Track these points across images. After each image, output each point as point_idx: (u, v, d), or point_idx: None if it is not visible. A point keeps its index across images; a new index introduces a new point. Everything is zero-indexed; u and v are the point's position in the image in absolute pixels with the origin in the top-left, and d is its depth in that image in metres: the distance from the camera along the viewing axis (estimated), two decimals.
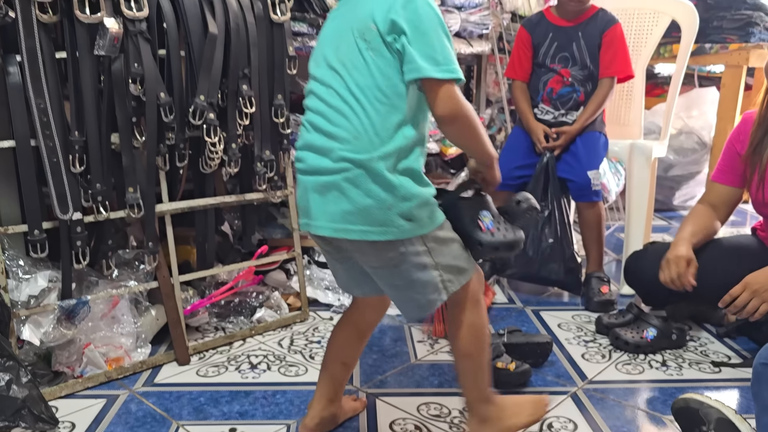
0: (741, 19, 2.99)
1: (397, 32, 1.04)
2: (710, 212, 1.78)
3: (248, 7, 1.69)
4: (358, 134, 1.05)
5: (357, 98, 1.06)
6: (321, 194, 1.07)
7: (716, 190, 1.79)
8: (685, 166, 3.21)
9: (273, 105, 1.79)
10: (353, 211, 1.05)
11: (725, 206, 1.78)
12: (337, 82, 1.08)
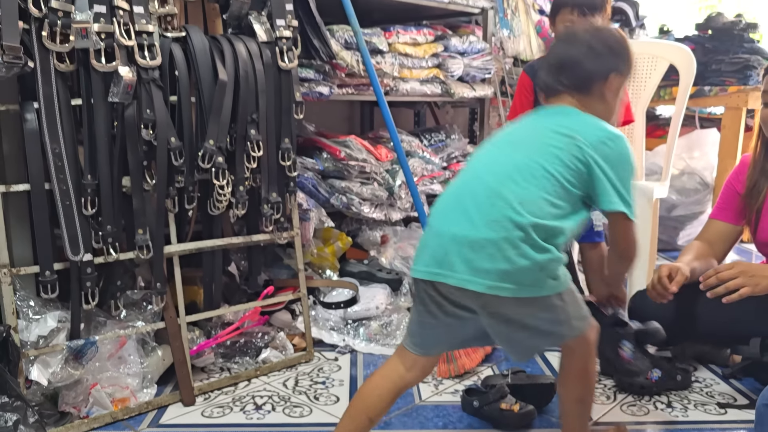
0: (739, 62, 3.06)
1: (600, 156, 1.21)
2: (706, 248, 1.78)
3: (257, 55, 1.76)
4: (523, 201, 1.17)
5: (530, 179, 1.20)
6: (474, 251, 1.15)
7: (714, 227, 1.80)
8: (688, 206, 3.23)
9: (280, 148, 1.83)
10: (510, 270, 1.13)
11: (722, 243, 1.79)
12: (520, 157, 1.22)
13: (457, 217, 1.20)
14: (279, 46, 1.80)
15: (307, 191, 2.14)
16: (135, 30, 1.57)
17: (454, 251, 1.17)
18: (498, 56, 3.00)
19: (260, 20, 1.82)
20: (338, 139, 2.31)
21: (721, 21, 3.25)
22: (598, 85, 1.31)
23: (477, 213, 1.18)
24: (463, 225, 1.18)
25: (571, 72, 1.32)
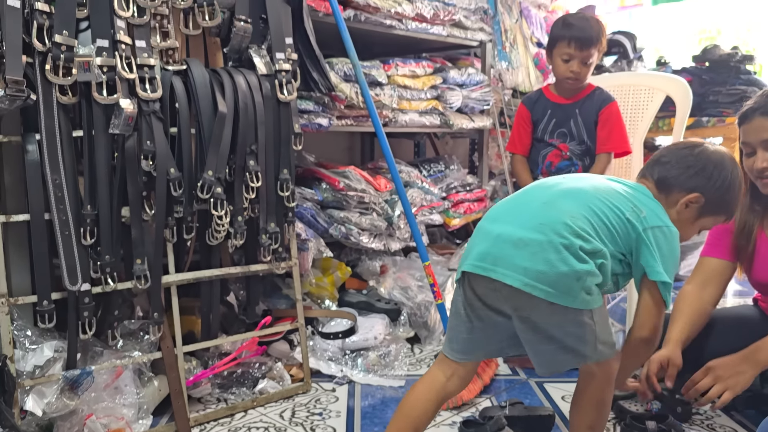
0: (736, 93, 3.09)
1: (653, 237, 1.26)
2: (699, 296, 1.69)
3: (256, 88, 1.79)
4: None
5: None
6: (517, 248, 1.21)
7: (707, 266, 1.73)
8: None
9: (279, 179, 1.85)
10: (547, 273, 1.18)
11: (717, 283, 1.70)
12: (582, 185, 1.32)
13: (508, 220, 1.27)
14: (278, 79, 1.84)
15: (305, 221, 2.16)
16: (137, 63, 1.60)
17: (499, 247, 1.23)
18: (497, 88, 3.04)
19: (260, 53, 1.85)
20: (337, 169, 2.33)
21: (717, 53, 3.29)
22: (677, 194, 1.35)
23: (528, 217, 1.25)
24: (512, 226, 1.25)
25: (663, 169, 1.38)
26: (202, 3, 1.75)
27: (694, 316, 1.66)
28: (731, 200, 1.38)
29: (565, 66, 2.11)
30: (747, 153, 1.55)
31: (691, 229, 1.39)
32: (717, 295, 1.71)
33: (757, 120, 1.50)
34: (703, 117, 3.18)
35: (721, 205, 1.38)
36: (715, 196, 1.35)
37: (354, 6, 2.26)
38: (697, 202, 1.35)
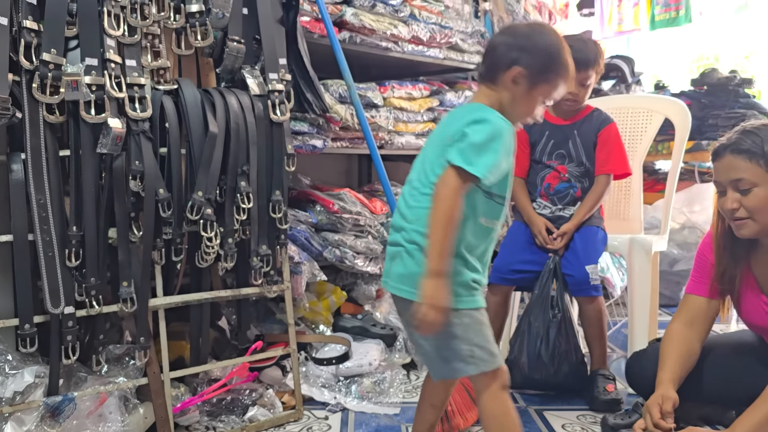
0: (735, 117, 3.07)
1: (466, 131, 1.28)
2: (686, 336, 1.63)
3: (249, 108, 1.76)
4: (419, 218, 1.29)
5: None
6: (391, 259, 1.34)
7: (692, 304, 1.67)
8: (689, 260, 3.18)
9: (271, 200, 1.82)
10: (406, 274, 1.28)
11: (703, 321, 1.65)
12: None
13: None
14: (271, 99, 1.81)
15: (299, 244, 2.12)
16: (126, 82, 1.58)
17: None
18: None
19: (253, 74, 1.83)
20: (332, 192, 2.30)
21: (716, 77, 3.29)
22: (501, 75, 1.34)
23: (395, 220, 1.37)
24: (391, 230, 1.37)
25: (487, 57, 1.40)
26: (194, 23, 1.74)
27: (682, 358, 1.60)
28: (555, 61, 1.35)
29: None
30: (719, 192, 1.48)
31: (529, 103, 1.37)
32: (704, 333, 1.65)
33: (727, 158, 1.44)
34: (703, 140, 3.16)
35: (547, 69, 1.34)
36: (535, 62, 1.33)
37: (349, 28, 2.25)
38: (521, 74, 1.33)
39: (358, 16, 2.24)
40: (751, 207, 1.42)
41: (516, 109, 1.36)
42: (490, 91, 1.37)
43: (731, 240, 1.53)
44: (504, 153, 1.28)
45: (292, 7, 1.98)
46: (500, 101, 1.35)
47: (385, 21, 2.35)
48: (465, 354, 1.27)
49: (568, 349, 2.03)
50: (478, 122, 1.28)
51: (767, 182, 1.40)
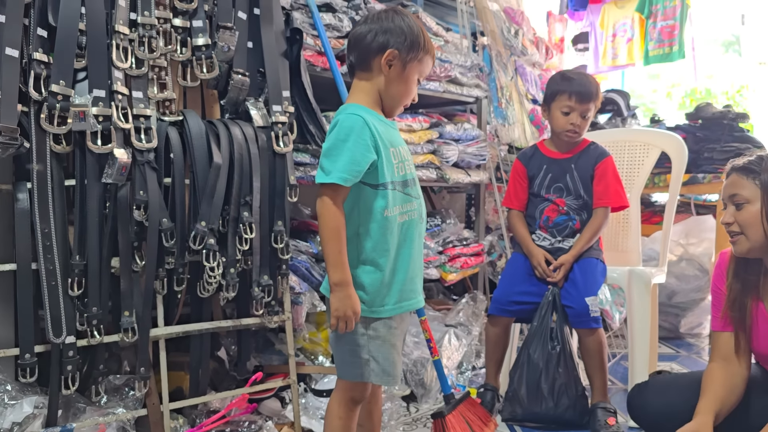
0: (730, 150, 3.11)
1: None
2: (726, 370, 1.58)
3: (252, 139, 1.79)
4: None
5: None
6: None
7: (722, 341, 1.62)
8: (688, 293, 3.19)
9: (273, 231, 1.83)
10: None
11: (740, 354, 1.59)
12: None
13: None
14: (275, 131, 1.84)
15: (300, 274, 2.12)
16: (133, 113, 1.61)
17: None
18: (493, 143, 3.06)
19: (257, 106, 1.86)
20: None
21: (710, 111, 3.33)
22: (374, 61, 1.40)
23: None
24: None
25: (354, 49, 1.43)
26: (200, 56, 1.77)
27: (722, 391, 1.56)
28: (420, 38, 1.41)
29: (564, 119, 2.12)
30: (723, 209, 1.55)
31: (406, 82, 1.43)
32: (745, 367, 1.60)
33: (732, 176, 1.52)
34: (699, 173, 3.18)
35: (415, 47, 1.40)
36: (403, 42, 1.39)
37: None
38: (393, 56, 1.38)
39: None
40: (742, 222, 1.48)
41: (394, 91, 1.42)
42: (365, 81, 1.43)
43: (742, 267, 1.56)
44: (360, 145, 1.33)
45: (296, 41, 2.02)
46: (378, 88, 1.42)
47: None
48: (361, 362, 1.39)
49: (568, 382, 2.03)
50: (331, 128, 1.37)
51: (760, 200, 1.46)
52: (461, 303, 2.73)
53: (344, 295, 1.32)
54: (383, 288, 1.39)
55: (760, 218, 1.45)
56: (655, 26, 4.79)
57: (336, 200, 1.32)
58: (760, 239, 1.47)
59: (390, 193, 1.38)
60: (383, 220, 1.37)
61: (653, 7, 4.82)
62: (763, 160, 1.48)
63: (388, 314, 1.40)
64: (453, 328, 2.51)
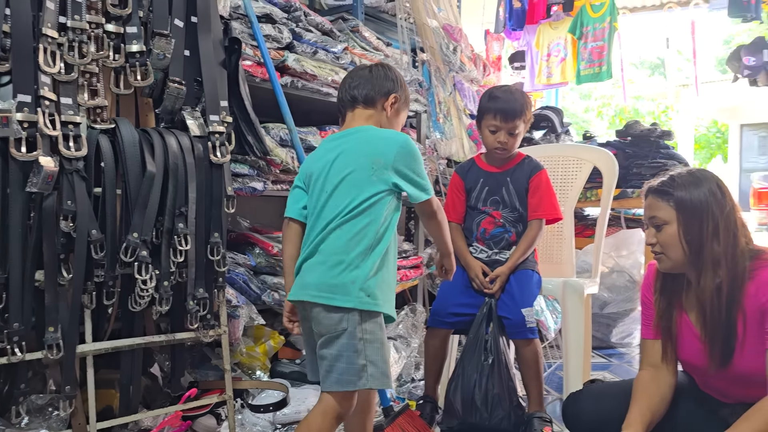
0: (657, 166, 3.25)
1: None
2: (655, 378, 1.61)
3: (188, 149, 1.75)
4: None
5: None
6: (309, 272, 1.58)
7: (651, 348, 1.66)
8: (619, 303, 3.30)
9: (209, 243, 1.79)
10: (323, 284, 1.51)
11: (668, 361, 1.63)
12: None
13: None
14: (212, 141, 1.80)
15: (237, 287, 2.08)
16: (61, 120, 1.54)
17: None
18: (432, 157, 3.10)
19: (194, 115, 1.82)
20: (272, 234, 2.28)
21: (639, 128, 3.49)
22: (380, 101, 1.67)
23: None
24: None
25: (363, 88, 1.67)
26: (134, 63, 1.72)
27: (651, 400, 1.59)
28: (406, 90, 1.76)
29: (492, 137, 2.16)
30: (645, 229, 1.60)
31: (399, 122, 1.75)
32: (672, 374, 1.64)
33: (649, 198, 1.57)
34: (628, 188, 3.32)
35: (407, 96, 1.75)
36: (402, 91, 1.72)
37: (291, 73, 2.28)
38: (397, 99, 1.69)
39: (300, 62, 2.28)
40: (662, 242, 1.53)
41: (392, 128, 1.71)
42: (369, 112, 1.67)
43: (668, 280, 1.61)
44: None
45: (235, 50, 1.99)
46: (379, 122, 1.68)
47: (327, 67, 2.40)
48: (357, 368, 1.46)
49: (502, 393, 2.04)
50: (409, 149, 1.60)
51: (676, 221, 1.50)
52: (400, 315, 2.74)
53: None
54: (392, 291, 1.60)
55: (678, 239, 1.50)
56: (586, 47, 5.00)
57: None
58: (681, 258, 1.51)
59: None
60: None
61: (584, 29, 5.02)
62: (674, 181, 1.52)
63: (393, 313, 1.58)
64: (392, 341, 2.51)
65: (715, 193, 1.51)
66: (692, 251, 1.49)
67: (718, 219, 1.49)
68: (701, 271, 1.50)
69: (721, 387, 1.59)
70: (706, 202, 1.50)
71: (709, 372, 1.56)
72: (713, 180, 1.53)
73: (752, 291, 1.47)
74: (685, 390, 1.72)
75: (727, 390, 1.58)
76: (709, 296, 1.49)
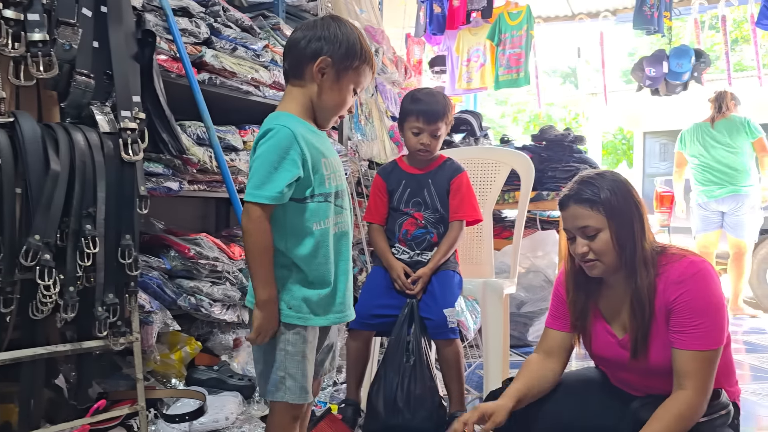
0: (570, 170, 3.38)
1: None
2: (543, 363, 1.70)
3: (97, 146, 1.65)
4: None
5: None
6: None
7: (550, 337, 1.74)
8: (535, 302, 3.40)
9: (120, 245, 1.69)
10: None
11: (561, 352, 1.72)
12: None
13: None
14: (123, 138, 1.71)
15: (151, 292, 1.98)
16: None
17: None
18: (354, 159, 3.08)
19: (103, 110, 1.73)
20: (188, 236, 2.19)
21: (553, 133, 3.61)
22: (307, 69, 1.40)
23: None
24: None
25: (288, 55, 1.43)
26: (36, 53, 1.60)
27: (533, 380, 1.66)
28: (357, 47, 1.41)
29: (415, 139, 2.17)
30: (569, 238, 1.61)
31: (340, 92, 1.43)
32: (560, 363, 1.72)
33: (572, 207, 1.56)
34: (544, 191, 3.43)
35: (351, 55, 1.40)
36: (337, 50, 1.39)
37: (209, 69, 2.20)
38: (326, 64, 1.39)
39: (218, 58, 2.21)
40: (597, 250, 1.54)
41: (327, 101, 1.42)
42: (297, 88, 1.42)
43: (583, 278, 1.65)
44: (288, 162, 1.34)
45: (148, 44, 1.90)
46: (310, 96, 1.41)
47: (246, 65, 2.33)
48: (276, 379, 1.42)
49: (424, 394, 2.05)
50: (261, 139, 1.36)
51: (608, 227, 1.53)
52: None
53: (270, 314, 1.37)
54: (320, 300, 1.44)
55: (611, 244, 1.52)
56: (504, 53, 5.14)
57: (264, 217, 1.33)
58: (615, 262, 1.55)
59: (321, 205, 1.41)
60: (315, 233, 1.40)
61: (502, 35, 5.16)
62: (596, 187, 1.53)
63: (314, 323, 1.44)
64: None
65: (631, 193, 1.56)
66: (626, 254, 1.53)
67: (642, 218, 1.55)
68: (636, 272, 1.53)
69: (631, 380, 1.65)
70: (631, 203, 1.54)
71: (622, 366, 1.62)
72: (625, 181, 1.59)
73: (661, 288, 1.53)
74: (597, 384, 1.78)
75: (636, 383, 1.65)
76: (646, 294, 1.53)
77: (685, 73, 5.25)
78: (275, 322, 1.38)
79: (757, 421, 2.45)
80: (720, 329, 1.49)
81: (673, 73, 5.28)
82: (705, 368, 1.48)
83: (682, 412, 1.46)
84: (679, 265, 1.53)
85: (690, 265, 1.52)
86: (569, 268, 1.68)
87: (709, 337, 1.48)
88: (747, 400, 2.56)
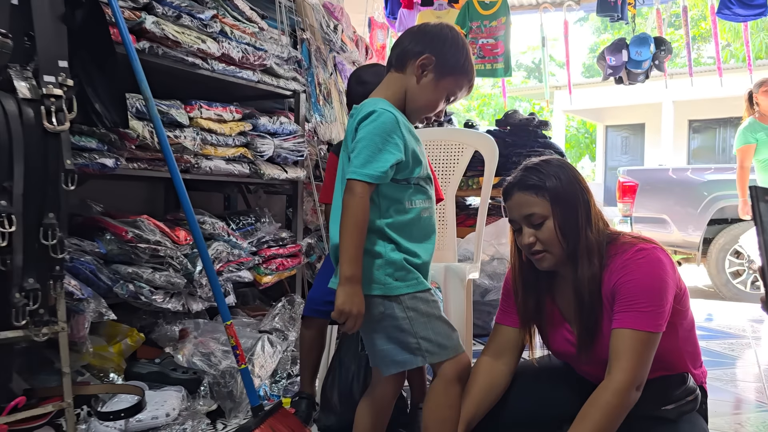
0: (535, 154, 3.28)
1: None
2: (492, 368, 1.57)
3: (14, 114, 1.47)
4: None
5: None
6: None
7: (501, 333, 1.61)
8: (499, 290, 3.30)
9: (42, 224, 1.52)
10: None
11: (512, 350, 1.59)
12: None
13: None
14: (46, 106, 1.53)
15: (82, 278, 1.81)
16: None
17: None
18: (312, 141, 2.94)
19: (23, 75, 1.55)
20: (127, 219, 2.03)
21: (517, 118, 3.52)
22: (411, 63, 1.42)
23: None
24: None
25: (397, 46, 1.47)
26: None
27: (483, 393, 1.54)
28: (462, 57, 1.44)
29: None
30: (515, 230, 1.49)
31: (435, 93, 1.45)
32: (513, 362, 1.60)
33: (516, 195, 1.45)
34: (507, 176, 3.33)
35: (454, 63, 1.44)
36: (443, 53, 1.42)
37: (149, 37, 2.03)
38: (429, 62, 1.41)
39: (160, 26, 2.04)
40: (544, 239, 1.43)
41: (420, 97, 1.43)
42: (396, 77, 1.44)
43: (533, 273, 1.53)
44: (392, 145, 1.35)
45: (81, 5, 1.72)
46: (405, 87, 1.43)
47: (192, 34, 2.17)
48: (412, 347, 1.39)
49: None
50: (365, 121, 1.35)
51: (554, 215, 1.42)
52: (277, 307, 2.56)
53: (353, 292, 1.32)
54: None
55: (556, 233, 1.42)
56: (477, 42, 5.01)
57: (365, 195, 1.33)
58: (561, 252, 1.44)
59: (418, 187, 1.44)
60: (412, 211, 1.42)
61: (472, 24, 5.04)
62: (541, 173, 1.43)
63: (424, 287, 1.41)
64: (267, 334, 2.33)
65: (577, 178, 1.46)
66: (570, 243, 1.42)
67: (589, 205, 1.44)
68: (578, 262, 1.43)
69: (592, 371, 1.55)
70: (576, 190, 1.44)
71: (579, 359, 1.52)
72: (570, 166, 1.48)
73: (606, 277, 1.43)
74: (563, 374, 1.69)
75: (597, 373, 1.55)
76: (587, 286, 1.43)
77: (645, 61, 5.23)
78: (359, 303, 1.34)
79: (723, 405, 2.40)
80: (659, 313, 1.37)
81: (633, 61, 5.26)
82: (638, 349, 1.35)
83: (610, 401, 1.34)
84: (627, 254, 1.42)
85: (637, 252, 1.41)
86: (517, 265, 1.55)
87: (646, 318, 1.36)
88: (711, 386, 2.51)
